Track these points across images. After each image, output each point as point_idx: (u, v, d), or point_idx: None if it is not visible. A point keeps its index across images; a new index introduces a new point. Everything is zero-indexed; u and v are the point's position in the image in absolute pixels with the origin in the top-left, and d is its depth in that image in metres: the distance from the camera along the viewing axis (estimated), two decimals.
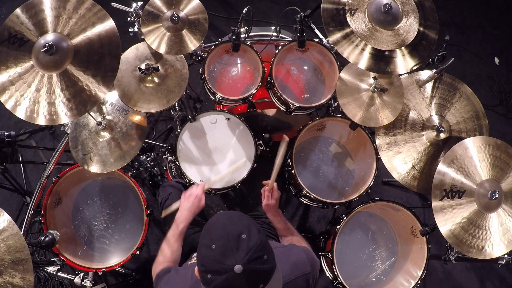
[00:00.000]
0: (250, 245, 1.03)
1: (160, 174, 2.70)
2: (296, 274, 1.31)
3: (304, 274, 1.32)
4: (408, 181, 1.92)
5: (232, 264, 1.00)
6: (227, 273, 1.00)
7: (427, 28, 1.88)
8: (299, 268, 1.33)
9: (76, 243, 2.12)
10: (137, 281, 2.53)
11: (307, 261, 1.36)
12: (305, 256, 1.38)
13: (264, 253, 1.04)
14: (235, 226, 1.07)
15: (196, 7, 1.90)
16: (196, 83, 3.00)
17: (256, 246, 1.03)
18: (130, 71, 1.87)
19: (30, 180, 2.91)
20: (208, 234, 1.10)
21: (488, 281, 2.90)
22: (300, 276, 1.31)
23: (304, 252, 1.40)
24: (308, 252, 1.43)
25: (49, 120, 1.55)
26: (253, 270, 1.01)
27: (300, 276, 1.31)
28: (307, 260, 1.37)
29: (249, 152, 2.04)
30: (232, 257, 1.01)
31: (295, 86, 2.26)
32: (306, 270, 1.34)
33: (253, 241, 1.04)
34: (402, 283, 2.01)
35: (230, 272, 1.00)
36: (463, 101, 2.02)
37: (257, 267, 1.02)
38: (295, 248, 1.44)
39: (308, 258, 1.38)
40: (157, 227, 2.70)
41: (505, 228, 1.73)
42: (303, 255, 1.38)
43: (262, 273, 1.04)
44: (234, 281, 1.00)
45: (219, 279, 1.01)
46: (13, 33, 1.57)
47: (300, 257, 1.37)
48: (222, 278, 1.01)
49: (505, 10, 3.90)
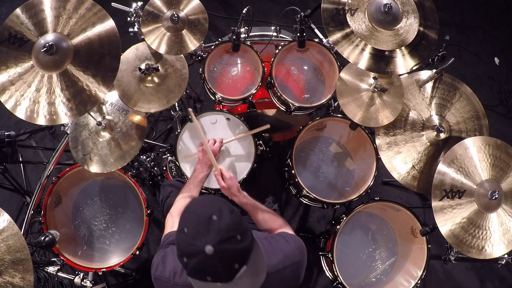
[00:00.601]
0: (220, 225, 1.04)
1: (160, 174, 2.70)
2: (285, 263, 1.30)
3: (293, 263, 1.32)
4: (408, 181, 1.92)
5: (203, 246, 1.01)
6: (199, 255, 1.02)
7: (427, 28, 1.88)
8: (289, 258, 1.32)
9: (76, 243, 2.12)
10: (137, 281, 2.53)
11: (295, 250, 1.35)
12: (293, 245, 1.36)
13: (237, 232, 1.05)
14: (206, 209, 1.09)
15: (196, 7, 1.90)
16: (196, 83, 3.00)
17: (227, 226, 1.04)
18: (130, 71, 1.87)
19: (30, 180, 2.91)
20: (182, 219, 1.13)
21: (488, 281, 2.90)
22: (289, 265, 1.31)
23: (292, 241, 1.39)
24: (295, 241, 1.41)
25: (49, 120, 1.56)
26: (225, 250, 1.02)
27: (289, 265, 1.31)
28: (295, 249, 1.36)
29: (249, 152, 2.04)
30: (203, 239, 1.02)
31: (295, 86, 2.26)
32: (296, 259, 1.33)
33: (224, 221, 1.05)
34: (402, 283, 2.01)
35: (202, 254, 1.01)
36: (463, 101, 2.02)
37: (229, 247, 1.03)
38: (282, 238, 1.41)
39: (296, 247, 1.37)
40: (157, 227, 2.70)
41: (505, 228, 1.73)
42: (290, 245, 1.36)
43: (235, 252, 1.04)
44: (207, 262, 1.02)
45: (193, 262, 1.04)
46: (13, 33, 1.57)
47: (288, 247, 1.35)
48: (195, 260, 1.03)
49: (505, 10, 3.90)
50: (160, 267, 1.32)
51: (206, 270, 1.04)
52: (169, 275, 1.28)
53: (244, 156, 2.05)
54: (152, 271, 1.34)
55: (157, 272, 1.32)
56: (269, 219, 1.62)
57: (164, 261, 1.33)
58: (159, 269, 1.31)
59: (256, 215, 1.64)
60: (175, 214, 1.61)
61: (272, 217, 1.63)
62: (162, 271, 1.30)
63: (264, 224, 1.61)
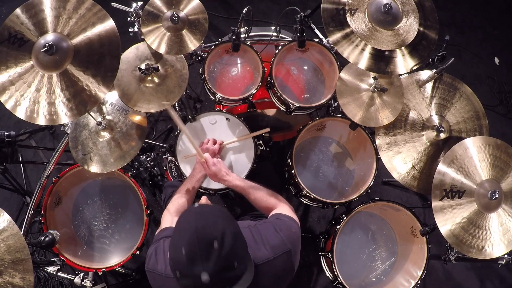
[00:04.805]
0: (221, 254, 1.01)
1: (160, 174, 2.70)
2: (275, 253, 1.26)
3: (283, 253, 1.27)
4: (408, 181, 1.92)
5: (199, 272, 1.00)
6: (193, 279, 1.02)
7: (427, 28, 1.88)
8: (278, 248, 1.27)
9: (76, 243, 2.12)
10: (137, 281, 2.53)
11: (285, 239, 1.30)
12: (282, 234, 1.30)
13: (235, 260, 1.04)
14: (208, 231, 1.05)
15: (196, 7, 1.90)
16: (196, 83, 3.00)
17: (227, 254, 1.02)
18: (130, 71, 1.87)
19: (30, 180, 2.91)
20: (179, 233, 1.10)
21: (488, 281, 2.90)
22: (279, 255, 1.26)
23: (283, 229, 1.33)
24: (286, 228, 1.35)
25: (49, 120, 1.55)
26: (221, 278, 1.03)
27: (279, 255, 1.26)
28: (285, 238, 1.30)
29: (249, 152, 2.04)
30: (200, 265, 1.01)
31: (295, 86, 2.26)
32: (285, 249, 1.28)
33: (225, 250, 1.02)
34: (402, 283, 2.01)
35: (197, 279, 1.01)
36: (463, 101, 2.02)
37: (225, 276, 1.03)
38: (272, 227, 1.35)
39: (286, 236, 1.31)
40: (157, 227, 2.67)
41: (505, 228, 1.73)
42: (279, 235, 1.30)
43: (229, 279, 1.05)
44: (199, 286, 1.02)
45: (185, 281, 1.05)
46: (13, 33, 1.57)
47: (277, 238, 1.30)
48: (188, 281, 1.04)
49: (505, 10, 3.90)
50: (153, 259, 1.32)
51: None
52: (161, 267, 1.28)
53: (244, 156, 2.05)
54: (146, 264, 1.35)
55: (150, 264, 1.32)
56: (262, 197, 1.59)
57: (157, 254, 1.33)
58: (152, 261, 1.32)
59: (249, 196, 1.62)
60: (172, 211, 1.62)
61: (265, 196, 1.59)
62: (154, 264, 1.31)
63: (259, 203, 1.59)
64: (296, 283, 2.58)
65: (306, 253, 2.68)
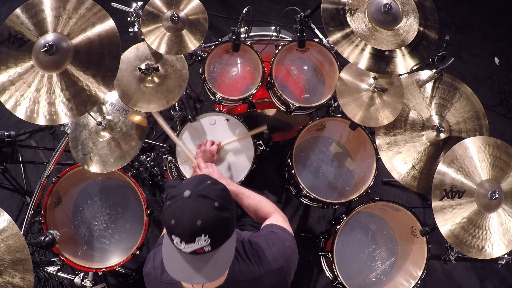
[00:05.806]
0: (209, 188, 1.12)
1: (160, 174, 2.69)
2: (267, 269, 1.23)
3: (275, 269, 1.24)
4: (408, 181, 1.92)
5: (184, 191, 1.09)
6: (178, 197, 1.09)
7: (427, 28, 1.88)
8: (270, 264, 1.24)
9: (76, 243, 2.12)
10: (137, 281, 2.53)
11: (277, 255, 1.26)
12: (274, 250, 1.27)
13: (218, 201, 1.08)
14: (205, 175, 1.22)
15: (196, 7, 1.90)
16: (196, 83, 3.00)
17: (213, 191, 1.10)
18: (130, 71, 1.87)
19: (30, 180, 2.91)
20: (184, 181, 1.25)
21: (488, 281, 2.90)
22: (270, 272, 1.24)
23: (275, 244, 1.30)
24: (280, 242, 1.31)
25: (49, 120, 1.55)
26: (198, 205, 1.06)
27: (270, 272, 1.24)
28: (277, 254, 1.26)
29: (249, 153, 2.04)
30: (189, 187, 1.10)
31: (295, 86, 2.26)
32: (277, 265, 1.25)
33: (213, 188, 1.12)
34: (402, 283, 2.01)
35: (180, 197, 1.08)
36: (463, 101, 2.02)
37: (202, 204, 1.07)
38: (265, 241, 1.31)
39: (278, 251, 1.27)
40: (157, 227, 2.70)
41: (505, 228, 1.73)
42: (272, 250, 1.27)
43: (205, 213, 1.06)
44: (180, 205, 1.08)
45: (171, 203, 1.10)
46: (13, 33, 1.57)
47: (269, 254, 1.26)
48: (173, 202, 1.09)
49: (505, 10, 3.90)
50: (151, 263, 1.33)
51: (175, 212, 1.07)
52: (157, 272, 1.28)
53: (244, 157, 2.05)
54: (144, 267, 1.35)
55: (147, 268, 1.33)
56: (255, 205, 1.55)
57: (155, 258, 1.33)
58: (149, 265, 1.33)
59: (242, 202, 1.58)
60: None
61: (258, 204, 1.55)
62: (151, 268, 1.31)
63: (252, 210, 1.56)
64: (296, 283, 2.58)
65: (306, 253, 2.68)
